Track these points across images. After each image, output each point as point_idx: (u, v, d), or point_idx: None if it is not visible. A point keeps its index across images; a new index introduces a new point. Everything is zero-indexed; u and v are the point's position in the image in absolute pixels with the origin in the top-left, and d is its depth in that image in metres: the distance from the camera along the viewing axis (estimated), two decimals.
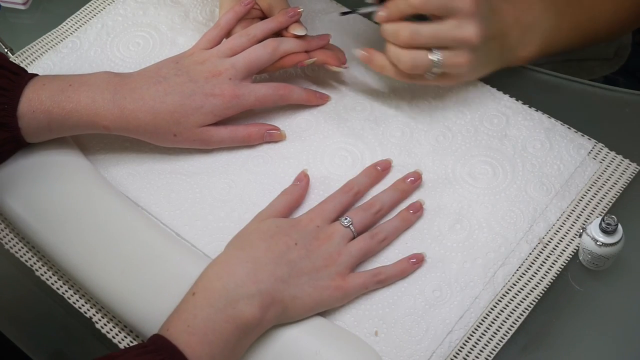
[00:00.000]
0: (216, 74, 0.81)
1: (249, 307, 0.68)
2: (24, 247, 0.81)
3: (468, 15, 0.77)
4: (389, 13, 0.78)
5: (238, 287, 0.69)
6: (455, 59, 0.78)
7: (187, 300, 0.69)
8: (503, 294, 0.75)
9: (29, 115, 0.77)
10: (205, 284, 0.69)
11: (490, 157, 0.82)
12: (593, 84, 0.89)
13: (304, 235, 0.74)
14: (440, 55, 0.78)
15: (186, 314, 0.67)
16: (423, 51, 0.78)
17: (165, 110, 0.79)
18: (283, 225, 0.74)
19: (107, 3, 0.98)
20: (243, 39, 0.83)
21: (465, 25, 0.77)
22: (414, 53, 0.78)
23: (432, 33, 0.77)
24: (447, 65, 0.79)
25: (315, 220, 0.75)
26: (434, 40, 0.77)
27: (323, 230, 0.75)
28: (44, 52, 0.94)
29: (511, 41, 0.83)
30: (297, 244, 0.73)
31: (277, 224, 0.74)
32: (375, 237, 0.76)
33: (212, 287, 0.69)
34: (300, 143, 0.85)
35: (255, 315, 0.68)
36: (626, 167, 0.82)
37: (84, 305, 0.77)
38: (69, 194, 0.79)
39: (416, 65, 0.78)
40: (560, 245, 0.77)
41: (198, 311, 0.67)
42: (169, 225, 0.80)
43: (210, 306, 0.67)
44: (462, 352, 0.72)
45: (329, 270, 0.73)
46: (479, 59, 0.80)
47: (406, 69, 0.79)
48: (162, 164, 0.83)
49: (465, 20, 0.77)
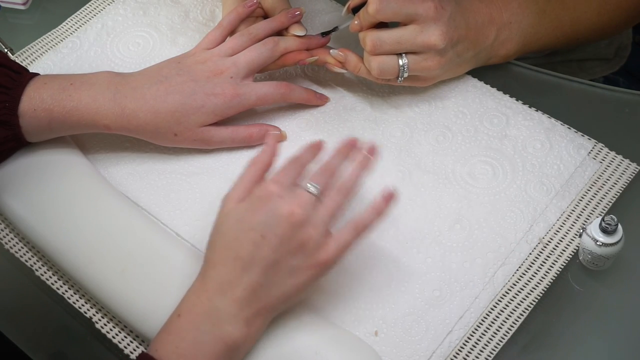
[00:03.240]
0: (218, 73, 0.81)
1: (233, 326, 0.67)
2: (24, 247, 0.81)
3: (430, 20, 0.78)
4: (360, 22, 0.80)
5: (219, 310, 0.67)
6: (424, 63, 0.80)
7: (172, 321, 0.68)
8: (503, 294, 0.75)
9: (30, 113, 0.77)
10: (189, 306, 0.68)
11: (490, 157, 0.82)
12: (593, 84, 0.89)
13: (269, 219, 0.67)
14: (407, 59, 0.79)
15: (173, 336, 0.67)
16: (391, 56, 0.79)
17: (166, 110, 0.79)
18: (245, 216, 0.68)
19: (107, 3, 0.98)
20: (244, 38, 0.83)
21: (427, 30, 0.78)
22: (380, 59, 0.79)
23: (394, 39, 0.79)
24: (415, 70, 0.80)
25: (279, 188, 0.69)
26: (398, 46, 0.79)
27: (288, 201, 0.68)
28: (44, 52, 0.94)
29: (487, 40, 0.84)
30: (263, 235, 0.68)
31: (238, 218, 0.69)
32: (341, 192, 0.71)
33: (195, 311, 0.67)
34: (300, 143, 0.84)
35: (242, 332, 0.67)
36: (626, 167, 0.82)
37: (84, 305, 0.77)
38: (69, 193, 0.79)
39: (384, 70, 0.80)
40: (560, 245, 0.77)
41: (185, 333, 0.66)
42: (169, 225, 0.80)
43: (196, 329, 0.66)
44: (462, 352, 0.72)
45: (306, 251, 0.68)
46: (449, 60, 0.81)
47: (375, 75, 0.81)
48: (162, 164, 0.83)
49: (428, 25, 0.78)
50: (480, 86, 0.87)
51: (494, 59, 0.87)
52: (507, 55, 0.87)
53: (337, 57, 0.84)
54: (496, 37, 0.84)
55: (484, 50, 0.85)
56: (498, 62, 0.88)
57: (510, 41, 0.85)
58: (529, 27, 0.85)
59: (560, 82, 0.90)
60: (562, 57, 1.07)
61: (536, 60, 1.07)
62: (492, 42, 0.84)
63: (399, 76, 0.81)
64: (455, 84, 0.87)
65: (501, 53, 0.86)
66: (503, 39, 0.85)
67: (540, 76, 0.90)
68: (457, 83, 0.87)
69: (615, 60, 1.07)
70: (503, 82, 0.88)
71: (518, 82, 0.88)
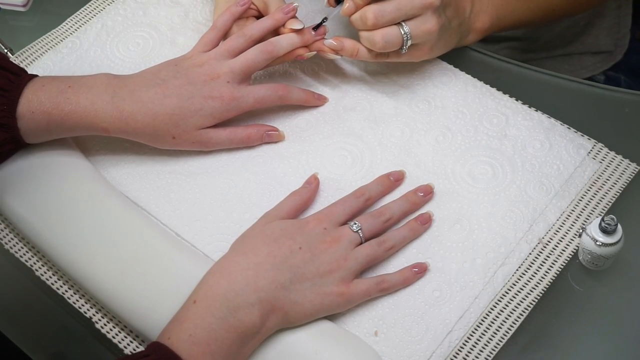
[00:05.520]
0: (214, 77, 0.81)
1: (248, 315, 0.68)
2: (24, 247, 0.81)
3: None
4: (354, 3, 0.80)
5: (238, 295, 0.68)
6: (423, 27, 0.80)
7: (187, 308, 0.69)
8: (503, 294, 0.75)
9: (28, 116, 0.77)
10: (206, 291, 0.69)
11: (490, 157, 0.82)
12: (593, 84, 0.89)
13: (309, 238, 0.73)
14: (409, 26, 0.80)
15: (187, 323, 0.67)
16: (392, 27, 0.80)
17: (164, 113, 0.79)
18: (289, 227, 0.74)
19: (107, 3, 0.98)
20: (240, 40, 0.83)
21: None
22: (383, 31, 0.80)
23: (394, 6, 0.79)
24: (418, 35, 0.80)
25: (324, 223, 0.75)
26: (399, 13, 0.79)
27: (330, 232, 0.74)
28: (43, 52, 0.94)
29: (465, 12, 0.86)
30: (301, 247, 0.72)
31: (282, 227, 0.74)
32: (382, 245, 0.75)
33: (212, 296, 0.68)
34: (299, 143, 0.85)
35: (255, 324, 0.68)
36: (626, 167, 0.81)
37: (84, 305, 0.77)
38: (68, 194, 0.79)
39: (389, 41, 0.80)
40: (560, 245, 0.77)
41: (199, 320, 0.67)
42: (168, 225, 0.80)
43: (212, 315, 0.67)
44: (462, 352, 0.72)
45: (333, 276, 0.72)
46: (444, 24, 0.82)
47: (380, 49, 0.81)
48: (162, 165, 0.83)
49: None
50: (480, 86, 0.87)
51: (473, 35, 0.88)
52: (482, 28, 0.88)
53: (332, 46, 0.83)
54: (472, 9, 0.86)
55: (464, 23, 0.86)
56: (476, 38, 0.89)
57: (483, 13, 0.87)
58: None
59: (560, 82, 0.90)
60: (562, 50, 1.07)
61: (537, 54, 1.08)
62: (469, 13, 0.86)
63: (403, 45, 0.81)
64: (455, 84, 0.87)
65: (477, 26, 0.88)
66: (477, 10, 0.87)
67: (540, 76, 0.90)
68: (456, 83, 0.87)
69: (618, 51, 1.07)
70: (503, 82, 0.88)
71: (518, 82, 0.88)
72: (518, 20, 0.90)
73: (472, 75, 0.88)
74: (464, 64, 0.89)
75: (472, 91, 0.87)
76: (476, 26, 0.88)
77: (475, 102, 0.86)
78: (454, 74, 0.88)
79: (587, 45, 1.07)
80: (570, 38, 1.07)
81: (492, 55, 0.92)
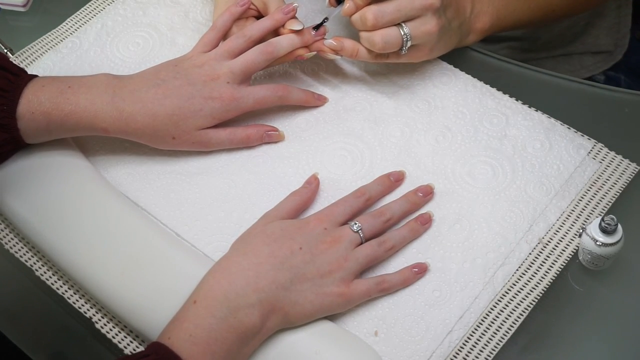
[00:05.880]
0: (214, 78, 0.81)
1: (249, 316, 0.68)
2: (24, 247, 0.81)
3: None
4: (355, 3, 0.80)
5: (239, 296, 0.68)
6: (423, 28, 0.80)
7: (187, 308, 0.69)
8: (503, 294, 0.75)
9: (28, 116, 0.77)
10: (206, 292, 0.69)
11: (490, 157, 0.82)
12: (593, 84, 0.89)
13: (310, 238, 0.73)
14: (409, 27, 0.80)
15: (187, 323, 0.67)
16: (392, 28, 0.80)
17: (164, 113, 0.79)
18: (289, 228, 0.74)
19: (107, 3, 0.98)
20: (240, 41, 0.83)
21: None
22: (383, 32, 0.80)
23: (394, 7, 0.79)
24: (418, 36, 0.80)
25: (324, 223, 0.75)
26: (399, 14, 0.79)
27: (331, 233, 0.74)
28: (43, 52, 0.94)
29: (465, 12, 0.85)
30: (301, 248, 0.72)
31: (282, 227, 0.74)
32: (382, 245, 0.75)
33: (213, 296, 0.68)
34: (299, 143, 0.85)
35: (256, 324, 0.68)
36: (626, 167, 0.81)
37: (84, 305, 0.77)
38: (69, 194, 0.79)
39: (388, 42, 0.80)
40: (560, 245, 0.77)
41: (200, 320, 0.67)
42: (168, 225, 0.80)
43: (212, 316, 0.67)
44: (462, 352, 0.72)
45: (333, 277, 0.72)
46: (444, 25, 0.82)
47: (380, 49, 0.81)
48: (162, 165, 0.83)
49: None
50: (480, 86, 0.87)
51: (473, 35, 0.88)
52: (483, 29, 0.88)
53: (332, 46, 0.83)
54: (472, 10, 0.86)
55: (465, 23, 0.86)
56: (476, 39, 0.89)
57: (484, 14, 0.87)
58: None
59: (560, 82, 0.90)
60: (563, 50, 1.07)
61: (537, 54, 1.08)
62: (469, 14, 0.86)
63: (402, 46, 0.81)
64: (455, 84, 0.87)
65: (478, 27, 0.88)
66: (477, 11, 0.87)
67: (540, 76, 0.90)
68: (456, 83, 0.87)
69: (618, 50, 1.07)
70: (503, 82, 0.88)
71: (518, 82, 0.88)
72: (518, 20, 0.90)
73: (472, 75, 0.88)
74: (464, 64, 0.89)
75: (472, 91, 0.87)
76: (476, 27, 0.88)
77: (475, 102, 0.86)
78: (454, 74, 0.88)
79: (587, 45, 1.07)
80: (570, 38, 1.07)
81: (492, 55, 0.92)
